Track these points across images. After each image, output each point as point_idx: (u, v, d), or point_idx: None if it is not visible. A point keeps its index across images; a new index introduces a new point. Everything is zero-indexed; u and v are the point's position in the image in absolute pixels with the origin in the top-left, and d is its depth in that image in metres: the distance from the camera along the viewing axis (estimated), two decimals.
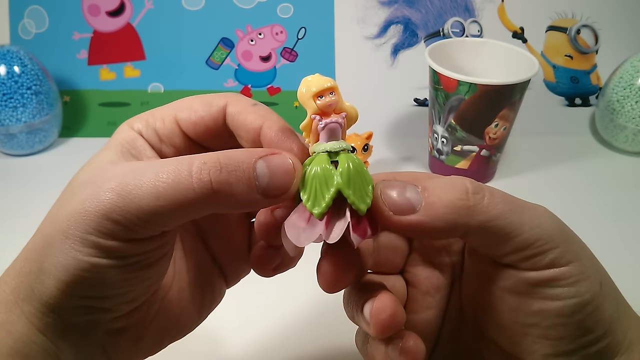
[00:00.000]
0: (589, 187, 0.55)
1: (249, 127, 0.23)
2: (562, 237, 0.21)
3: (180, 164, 0.20)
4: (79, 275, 0.20)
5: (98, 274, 0.20)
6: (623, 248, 0.47)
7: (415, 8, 0.68)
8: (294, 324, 0.39)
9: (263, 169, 0.20)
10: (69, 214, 0.20)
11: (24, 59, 0.56)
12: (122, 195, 0.20)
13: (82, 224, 0.20)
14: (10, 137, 0.56)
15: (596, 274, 0.21)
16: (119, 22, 0.66)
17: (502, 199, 0.21)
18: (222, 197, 0.20)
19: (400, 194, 0.20)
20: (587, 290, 0.21)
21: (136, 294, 0.22)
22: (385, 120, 0.65)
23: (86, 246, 0.20)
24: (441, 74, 0.49)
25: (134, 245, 0.21)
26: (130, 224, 0.20)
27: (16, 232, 0.48)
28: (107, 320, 0.22)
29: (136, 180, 0.20)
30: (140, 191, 0.20)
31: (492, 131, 0.51)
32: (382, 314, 0.22)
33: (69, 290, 0.20)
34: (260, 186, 0.20)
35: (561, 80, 0.69)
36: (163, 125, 0.24)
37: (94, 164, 0.23)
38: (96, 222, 0.20)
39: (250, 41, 0.67)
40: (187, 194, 0.20)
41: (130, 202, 0.20)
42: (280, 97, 0.66)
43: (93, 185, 0.21)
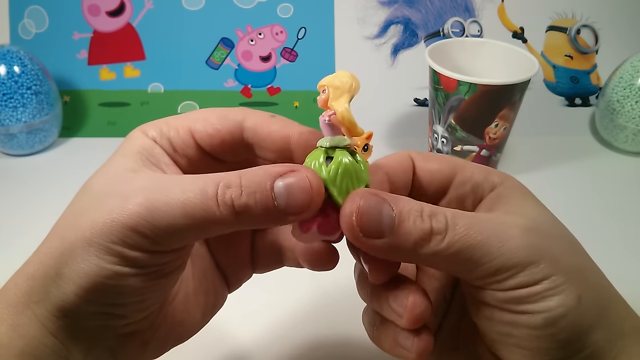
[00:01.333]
0: (589, 187, 0.55)
1: (274, 137, 0.24)
2: (533, 256, 0.21)
3: (207, 185, 0.21)
4: (100, 282, 0.21)
5: (119, 282, 0.21)
6: (623, 248, 0.47)
7: (415, 8, 0.68)
8: (295, 319, 0.39)
9: (280, 189, 0.21)
10: (94, 223, 0.21)
11: (24, 59, 0.56)
12: (150, 210, 0.20)
13: (107, 233, 0.20)
14: (10, 137, 0.56)
15: (574, 288, 0.21)
16: (119, 22, 0.66)
17: (464, 233, 0.21)
18: (243, 218, 0.21)
19: (376, 218, 0.21)
20: (559, 305, 0.21)
21: (151, 302, 0.23)
22: (385, 120, 0.65)
23: (110, 255, 0.20)
24: (441, 74, 0.49)
25: (156, 257, 0.21)
26: (157, 237, 0.21)
27: (16, 232, 0.48)
28: (119, 326, 0.23)
29: (164, 196, 0.21)
30: (168, 208, 0.20)
31: (492, 131, 0.51)
32: (417, 309, 0.23)
33: (87, 296, 0.21)
34: (279, 207, 0.21)
35: (561, 80, 0.69)
36: (177, 135, 0.25)
37: (113, 170, 0.23)
38: (123, 233, 0.20)
39: (250, 41, 0.67)
40: (213, 215, 0.20)
41: (159, 217, 0.20)
42: (280, 97, 0.66)
43: (119, 196, 0.21)
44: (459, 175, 0.25)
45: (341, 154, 0.22)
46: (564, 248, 0.22)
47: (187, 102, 0.64)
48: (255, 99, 0.66)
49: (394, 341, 0.24)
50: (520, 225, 0.21)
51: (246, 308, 0.39)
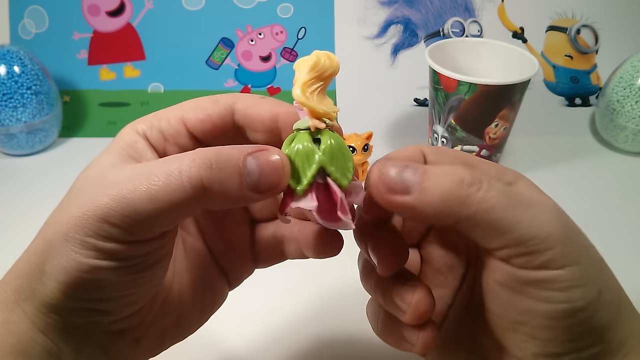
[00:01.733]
0: (589, 187, 0.55)
1: (264, 117, 0.24)
2: (563, 238, 0.20)
3: (171, 164, 0.20)
4: (79, 277, 0.20)
5: (98, 276, 0.21)
6: (623, 248, 0.47)
7: (415, 8, 0.68)
8: (295, 317, 0.39)
9: (253, 166, 0.20)
10: (69, 218, 0.21)
11: (24, 59, 0.56)
12: (117, 200, 0.20)
13: (81, 227, 0.20)
14: (10, 137, 0.56)
15: (596, 281, 0.21)
16: (119, 22, 0.66)
17: (500, 192, 0.20)
18: (214, 194, 0.20)
19: (399, 173, 0.21)
20: (580, 297, 0.20)
21: (136, 297, 0.23)
22: (385, 120, 0.65)
23: (86, 248, 0.20)
24: (441, 74, 0.49)
25: (134, 247, 0.21)
26: (128, 227, 0.20)
27: (16, 232, 0.48)
28: (107, 322, 0.23)
29: (130, 184, 0.20)
30: (134, 195, 0.20)
31: (492, 131, 0.51)
32: (421, 307, 0.23)
33: (69, 292, 0.21)
34: (250, 182, 0.20)
35: (561, 80, 0.69)
36: (169, 125, 0.25)
37: (95, 167, 0.23)
38: (95, 225, 0.20)
39: (250, 41, 0.67)
40: (180, 194, 0.20)
41: (125, 206, 0.20)
42: (281, 97, 0.66)
43: (93, 189, 0.21)
44: None
45: (329, 134, 0.22)
46: (585, 240, 0.22)
47: None
48: None
49: (399, 335, 0.24)
50: (552, 204, 0.21)
51: (245, 306, 0.39)
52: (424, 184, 0.20)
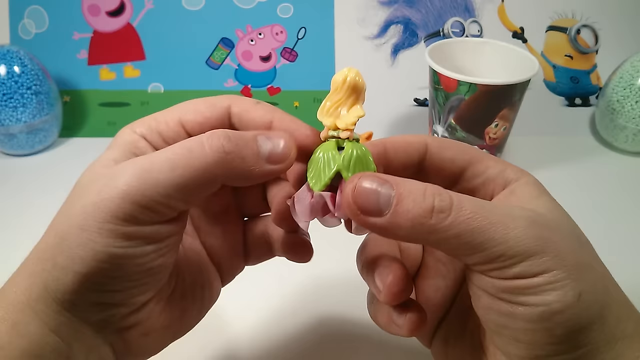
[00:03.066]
0: (589, 187, 0.55)
1: (258, 123, 0.25)
2: (537, 247, 0.21)
3: (191, 140, 0.22)
4: (97, 266, 0.21)
5: (115, 264, 0.21)
6: (623, 248, 0.47)
7: (415, 8, 0.68)
8: (290, 306, 0.39)
9: (264, 140, 0.23)
10: (83, 208, 0.21)
11: (24, 59, 0.56)
12: (137, 175, 0.21)
13: (98, 213, 0.20)
14: (10, 137, 0.56)
15: (574, 284, 0.21)
16: (119, 22, 0.66)
17: (469, 216, 0.21)
18: (233, 160, 0.22)
19: (373, 196, 0.21)
20: (556, 300, 0.20)
21: (148, 286, 0.23)
22: (385, 120, 0.65)
23: (103, 237, 0.20)
24: (441, 74, 0.49)
25: (152, 230, 0.21)
26: (150, 201, 0.21)
27: (17, 232, 0.48)
28: (119, 317, 0.23)
29: (148, 160, 0.21)
30: (155, 166, 0.21)
31: (492, 131, 0.51)
32: (394, 288, 0.24)
33: (86, 283, 0.21)
34: (263, 153, 0.23)
35: (561, 80, 0.69)
36: (167, 127, 0.25)
37: (100, 163, 0.23)
38: (114, 208, 0.20)
39: (250, 41, 0.67)
40: (202, 160, 0.21)
41: (147, 179, 0.21)
42: (280, 97, 0.66)
43: (105, 178, 0.21)
44: (472, 168, 0.25)
45: (351, 144, 0.23)
46: (571, 244, 0.22)
47: None
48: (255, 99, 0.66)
49: (387, 317, 0.25)
50: (528, 216, 0.21)
51: (240, 297, 0.39)
52: (397, 209, 0.21)
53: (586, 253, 0.22)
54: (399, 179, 0.21)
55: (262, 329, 0.38)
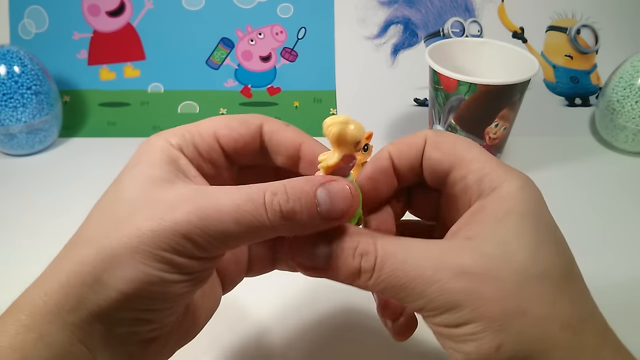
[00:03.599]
0: (589, 187, 0.55)
1: (289, 144, 0.26)
2: (457, 302, 0.21)
3: (254, 193, 0.22)
4: (144, 289, 0.21)
5: (162, 288, 0.22)
6: (623, 248, 0.47)
7: (415, 8, 0.68)
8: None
9: (324, 196, 0.22)
10: (140, 230, 0.21)
11: (24, 59, 0.56)
12: (202, 218, 0.21)
13: (156, 240, 0.21)
14: (10, 137, 0.56)
15: (494, 336, 0.21)
16: (119, 22, 0.66)
17: (389, 274, 0.22)
18: (289, 224, 0.22)
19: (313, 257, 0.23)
20: (474, 351, 0.21)
21: (180, 307, 0.24)
22: (385, 120, 0.65)
23: (159, 262, 0.21)
24: (441, 74, 0.49)
25: (202, 263, 0.22)
26: (207, 244, 0.21)
27: (17, 232, 0.48)
28: (146, 331, 0.23)
29: (214, 204, 0.21)
30: (220, 215, 0.21)
31: (492, 131, 0.51)
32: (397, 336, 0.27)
33: (128, 302, 0.21)
34: (321, 212, 0.22)
35: (561, 80, 0.69)
36: (202, 140, 0.26)
37: (144, 178, 0.23)
38: (173, 240, 0.21)
39: (250, 41, 0.67)
40: (262, 222, 0.22)
41: (210, 225, 0.21)
42: (280, 97, 0.66)
43: (164, 203, 0.22)
44: (454, 172, 0.25)
45: None
46: (504, 289, 0.21)
47: (187, 102, 0.64)
48: (255, 99, 0.66)
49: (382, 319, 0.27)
50: (456, 267, 0.21)
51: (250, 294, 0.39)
52: (332, 264, 0.23)
53: (528, 297, 0.21)
54: (339, 232, 0.23)
55: (270, 324, 0.38)
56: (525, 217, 0.22)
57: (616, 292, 0.41)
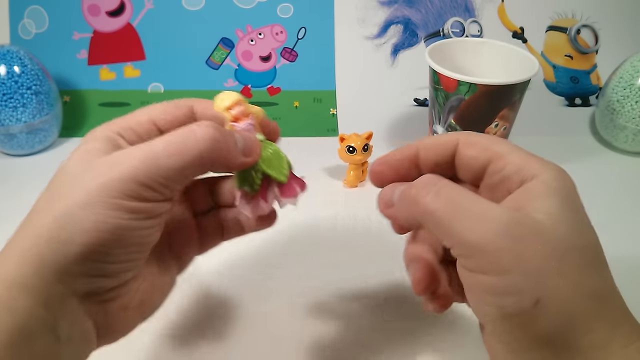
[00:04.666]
0: (589, 187, 0.55)
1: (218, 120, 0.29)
2: (497, 247, 0.22)
3: (183, 129, 0.25)
4: (101, 237, 0.23)
5: (118, 235, 0.23)
6: (623, 248, 0.47)
7: (415, 8, 0.68)
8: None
9: (239, 137, 0.27)
10: (88, 187, 0.23)
11: (24, 59, 0.56)
12: (142, 160, 0.24)
13: (106, 190, 0.23)
14: (10, 137, 0.56)
15: (532, 291, 0.22)
16: (119, 22, 0.66)
17: (446, 198, 0.24)
18: (221, 150, 0.26)
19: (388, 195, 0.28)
20: (511, 305, 0.22)
21: (138, 261, 0.26)
22: (385, 120, 0.65)
23: (111, 209, 0.23)
24: (441, 74, 0.49)
25: (151, 205, 0.24)
26: (154, 182, 0.24)
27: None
28: (105, 290, 0.25)
29: (149, 147, 0.24)
30: (157, 153, 0.24)
31: (492, 131, 0.51)
32: (419, 285, 0.28)
33: (86, 254, 0.23)
34: (239, 147, 0.27)
35: (561, 80, 0.69)
36: (140, 125, 0.28)
37: (84, 155, 0.25)
38: (122, 186, 0.23)
39: (250, 41, 0.67)
40: (196, 147, 0.25)
41: (151, 163, 0.24)
42: (280, 97, 0.66)
43: (106, 163, 0.24)
44: (492, 165, 0.27)
45: (265, 144, 0.29)
46: (547, 251, 0.22)
47: None
48: (255, 99, 0.66)
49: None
50: (508, 220, 0.23)
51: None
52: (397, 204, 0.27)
53: (568, 261, 0.22)
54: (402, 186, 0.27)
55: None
56: (566, 199, 0.25)
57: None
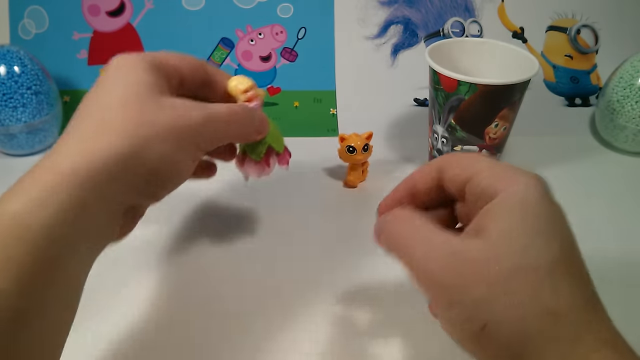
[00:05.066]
0: (589, 187, 0.55)
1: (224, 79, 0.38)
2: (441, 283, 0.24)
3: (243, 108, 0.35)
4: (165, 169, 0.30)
5: (176, 170, 0.31)
6: (623, 248, 0.47)
7: (415, 8, 0.68)
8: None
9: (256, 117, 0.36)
10: (164, 127, 0.29)
11: (24, 59, 0.56)
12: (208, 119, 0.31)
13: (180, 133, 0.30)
14: (10, 137, 0.56)
15: (479, 317, 0.23)
16: (119, 22, 0.66)
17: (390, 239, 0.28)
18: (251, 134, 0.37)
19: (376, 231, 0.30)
20: (461, 330, 0.24)
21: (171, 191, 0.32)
22: (385, 120, 0.65)
23: (179, 149, 0.30)
24: (441, 74, 0.49)
25: (201, 154, 0.33)
26: (210, 138, 0.32)
27: None
28: (142, 207, 0.33)
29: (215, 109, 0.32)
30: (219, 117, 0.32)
31: (492, 131, 0.51)
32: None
33: (149, 178, 0.29)
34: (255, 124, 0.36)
35: (561, 80, 0.69)
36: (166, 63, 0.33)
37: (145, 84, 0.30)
38: (190, 134, 0.30)
39: (250, 41, 0.67)
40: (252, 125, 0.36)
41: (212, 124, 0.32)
42: (281, 97, 0.66)
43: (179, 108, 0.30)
44: (471, 182, 0.28)
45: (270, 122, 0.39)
46: (491, 277, 0.23)
47: None
48: None
49: None
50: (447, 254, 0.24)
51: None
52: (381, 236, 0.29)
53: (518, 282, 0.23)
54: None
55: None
56: (525, 216, 0.24)
57: (617, 291, 0.41)
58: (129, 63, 0.31)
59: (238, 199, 0.51)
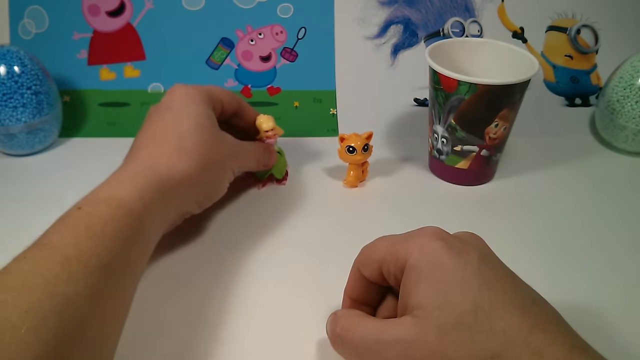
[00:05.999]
0: (589, 187, 0.55)
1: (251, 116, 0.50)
2: None
3: (265, 148, 0.49)
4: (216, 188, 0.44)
5: (222, 187, 0.44)
6: (623, 248, 0.47)
7: (415, 8, 0.68)
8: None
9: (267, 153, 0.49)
10: (221, 155, 0.43)
11: (24, 59, 0.56)
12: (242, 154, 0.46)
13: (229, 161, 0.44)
14: (10, 137, 0.56)
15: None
16: (119, 22, 0.66)
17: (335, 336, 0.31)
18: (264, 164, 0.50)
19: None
20: None
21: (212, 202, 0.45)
22: (385, 120, 0.65)
23: (226, 172, 0.44)
24: (441, 74, 0.49)
25: (232, 178, 0.45)
26: (241, 165, 0.46)
27: (16, 232, 0.48)
28: (188, 213, 0.42)
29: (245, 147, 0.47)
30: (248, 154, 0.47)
31: (492, 131, 0.51)
32: None
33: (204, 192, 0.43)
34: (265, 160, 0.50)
35: (561, 80, 0.69)
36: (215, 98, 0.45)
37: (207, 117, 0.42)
38: (233, 163, 0.44)
39: (250, 41, 0.67)
40: (269, 161, 0.50)
41: (243, 158, 0.46)
42: (280, 97, 0.66)
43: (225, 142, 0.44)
44: (385, 272, 0.31)
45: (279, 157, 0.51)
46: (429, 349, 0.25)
47: None
48: (255, 99, 0.66)
49: None
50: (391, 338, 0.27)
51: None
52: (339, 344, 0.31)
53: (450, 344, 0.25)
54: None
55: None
56: (427, 277, 0.27)
57: (616, 291, 0.42)
58: (191, 95, 0.42)
59: (237, 198, 0.51)
